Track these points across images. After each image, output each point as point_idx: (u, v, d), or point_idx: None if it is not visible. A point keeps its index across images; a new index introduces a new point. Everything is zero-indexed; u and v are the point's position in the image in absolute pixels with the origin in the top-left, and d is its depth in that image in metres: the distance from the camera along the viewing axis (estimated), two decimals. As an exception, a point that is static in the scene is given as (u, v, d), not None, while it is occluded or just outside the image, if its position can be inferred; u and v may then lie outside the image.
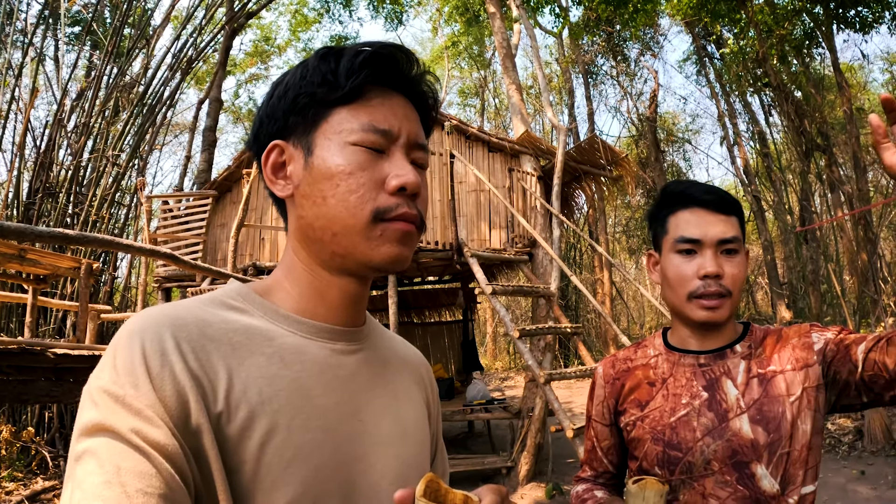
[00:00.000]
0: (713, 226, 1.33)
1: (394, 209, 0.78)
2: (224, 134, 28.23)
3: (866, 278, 10.24)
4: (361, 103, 0.80)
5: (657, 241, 1.45)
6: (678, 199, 1.40)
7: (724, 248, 1.33)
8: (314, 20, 22.30)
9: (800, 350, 1.32)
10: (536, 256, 8.52)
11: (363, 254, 0.79)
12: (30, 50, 10.26)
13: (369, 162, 0.79)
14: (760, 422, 1.26)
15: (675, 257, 1.37)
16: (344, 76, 0.79)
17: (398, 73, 0.83)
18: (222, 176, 8.95)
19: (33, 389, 3.22)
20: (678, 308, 1.37)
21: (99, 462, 0.61)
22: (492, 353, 23.34)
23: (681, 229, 1.36)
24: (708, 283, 1.31)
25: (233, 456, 0.69)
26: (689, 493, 1.29)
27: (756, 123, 16.97)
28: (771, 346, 1.36)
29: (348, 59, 0.79)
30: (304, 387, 0.76)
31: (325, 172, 0.78)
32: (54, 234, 2.98)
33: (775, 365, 1.32)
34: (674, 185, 1.45)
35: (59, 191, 9.39)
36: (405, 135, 0.82)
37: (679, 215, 1.38)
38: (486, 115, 28.73)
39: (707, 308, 1.31)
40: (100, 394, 0.64)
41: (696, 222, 1.34)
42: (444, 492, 0.67)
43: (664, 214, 1.42)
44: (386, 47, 0.81)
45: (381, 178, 0.79)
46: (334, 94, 0.79)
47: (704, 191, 1.38)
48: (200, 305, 0.77)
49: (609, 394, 1.48)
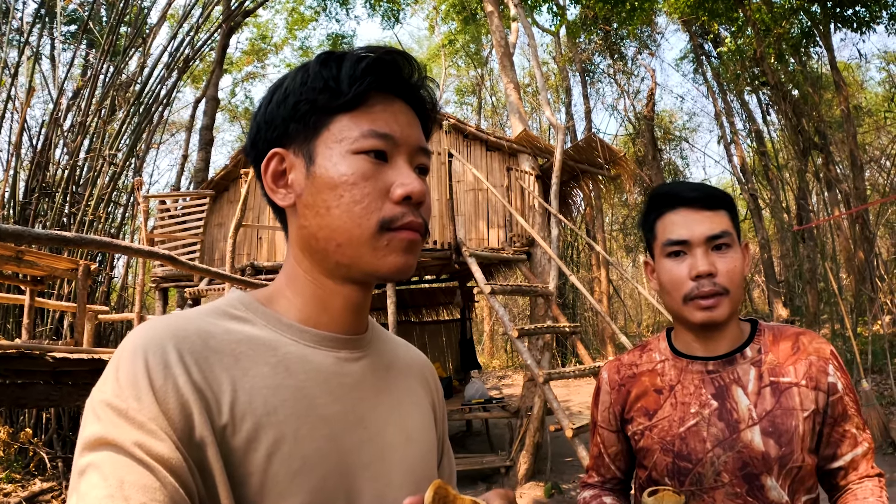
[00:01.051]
0: (699, 224, 1.29)
1: (399, 218, 0.77)
2: (221, 133, 28.27)
3: (863, 276, 10.27)
4: (363, 110, 0.79)
5: (649, 246, 1.42)
6: (664, 202, 1.37)
7: (715, 244, 1.29)
8: (311, 18, 22.26)
9: (816, 371, 1.29)
10: (535, 255, 8.51)
11: (369, 264, 0.78)
12: (26, 49, 10.24)
13: (373, 171, 0.77)
14: (773, 434, 1.24)
15: (666, 261, 1.33)
16: (347, 83, 0.77)
17: (400, 80, 0.82)
18: (219, 175, 8.92)
19: (32, 393, 3.21)
20: (677, 312, 1.34)
21: (102, 476, 0.60)
22: (489, 351, 23.37)
23: (668, 232, 1.33)
24: (701, 284, 1.27)
25: (239, 468, 0.68)
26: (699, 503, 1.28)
27: (753, 122, 16.98)
28: (786, 353, 1.32)
29: (351, 65, 0.78)
30: (308, 396, 0.75)
31: (329, 182, 0.77)
32: (52, 236, 2.96)
33: (791, 376, 1.29)
34: (659, 187, 1.42)
35: (55, 190, 9.36)
36: (408, 140, 0.81)
37: (666, 218, 1.35)
38: (483, 113, 28.73)
39: (704, 308, 1.27)
40: (103, 407, 0.64)
41: (682, 222, 1.31)
42: (453, 498, 0.66)
43: (652, 219, 1.39)
44: (389, 53, 0.80)
45: (386, 186, 0.78)
46: (336, 101, 0.78)
47: (689, 189, 1.34)
48: (202, 316, 0.76)
49: (615, 400, 1.45)
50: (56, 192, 9.34)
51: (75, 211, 9.42)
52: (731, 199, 1.37)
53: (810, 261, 12.94)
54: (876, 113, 18.85)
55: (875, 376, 9.28)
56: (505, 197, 8.56)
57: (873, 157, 17.71)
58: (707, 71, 18.47)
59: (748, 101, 17.35)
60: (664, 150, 23.30)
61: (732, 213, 1.36)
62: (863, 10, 10.29)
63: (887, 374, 8.47)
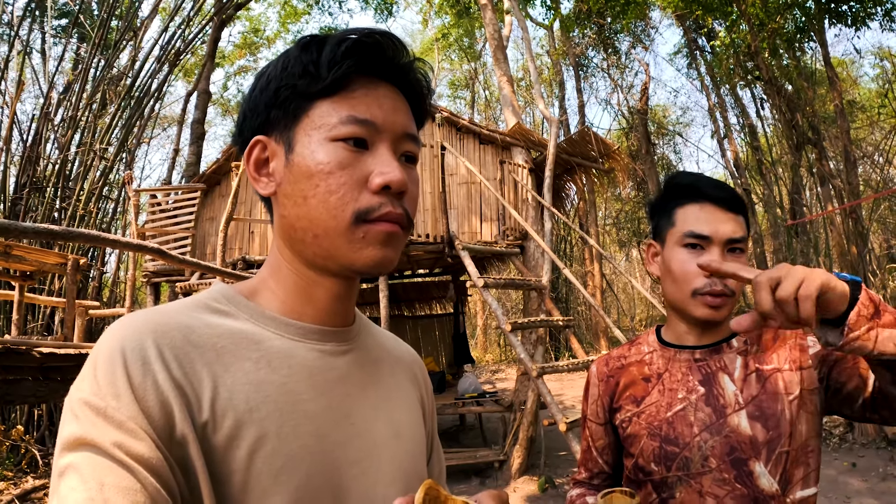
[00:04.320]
0: (724, 224, 1.31)
1: (376, 209, 0.74)
2: (213, 127, 28.16)
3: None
4: (344, 95, 0.75)
5: (660, 231, 1.41)
6: (687, 192, 1.37)
7: (732, 247, 1.31)
8: (304, 11, 22.18)
9: (795, 351, 1.30)
10: (528, 249, 8.51)
11: (345, 257, 0.75)
12: (16, 43, 10.16)
13: (351, 159, 0.74)
14: (759, 418, 1.25)
15: (681, 251, 1.33)
16: (326, 67, 0.74)
17: (385, 62, 0.79)
18: (211, 169, 8.88)
19: (19, 390, 3.17)
20: (679, 303, 1.35)
21: (82, 478, 0.58)
22: (482, 345, 23.40)
23: (689, 224, 1.33)
24: (714, 282, 1.28)
25: (221, 466, 0.66)
26: (686, 490, 1.27)
27: (747, 117, 17.02)
28: (770, 342, 1.34)
29: (331, 48, 0.74)
30: (292, 392, 0.73)
31: (306, 171, 0.74)
32: (39, 230, 2.92)
33: (774, 363, 1.30)
34: (682, 176, 1.41)
35: (46, 185, 9.31)
36: (392, 127, 0.77)
37: (688, 209, 1.35)
38: (476, 107, 28.75)
39: (711, 307, 1.29)
40: (80, 406, 0.62)
41: (707, 218, 1.32)
42: (444, 498, 0.64)
43: (671, 206, 1.39)
44: (370, 35, 0.76)
45: (364, 175, 0.74)
46: (315, 85, 0.75)
47: (714, 186, 1.35)
48: (183, 310, 0.74)
49: (603, 392, 1.47)
50: (46, 187, 9.29)
51: (66, 206, 9.37)
52: (746, 206, 1.39)
53: (804, 256, 12.97)
54: (869, 109, 18.89)
55: (867, 370, 9.31)
56: (498, 190, 8.55)
57: (867, 152, 17.79)
58: (701, 65, 18.48)
59: (742, 95, 17.39)
60: (658, 144, 23.32)
61: (747, 218, 1.37)
62: (857, 6, 10.29)
63: (879, 367, 8.50)
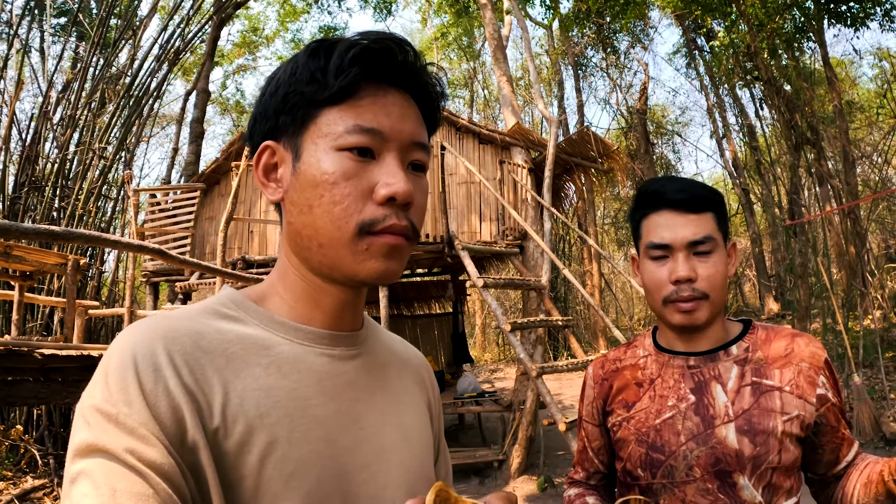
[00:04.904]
0: (683, 227, 1.29)
1: (380, 221, 0.73)
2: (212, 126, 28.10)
3: (854, 272, 10.32)
4: (351, 103, 0.75)
5: (636, 243, 1.42)
6: (650, 201, 1.36)
7: (696, 249, 1.29)
8: (303, 10, 22.18)
9: (804, 380, 1.28)
10: (527, 249, 8.51)
11: (349, 268, 0.75)
12: (15, 41, 10.14)
13: (356, 169, 0.74)
14: (748, 433, 1.23)
15: (648, 263, 1.34)
16: (333, 74, 0.74)
17: (394, 67, 0.78)
18: (210, 168, 8.88)
19: (20, 391, 3.17)
20: (658, 313, 1.35)
21: (94, 484, 0.59)
22: (481, 345, 23.39)
23: (651, 234, 1.33)
24: (681, 288, 1.27)
25: (232, 471, 0.67)
26: (669, 498, 1.27)
27: (745, 117, 17.06)
28: (777, 353, 1.32)
29: (338, 55, 0.74)
30: (302, 397, 0.74)
31: (311, 180, 0.74)
32: (40, 230, 2.92)
33: (775, 380, 1.28)
34: (648, 184, 1.40)
35: (45, 184, 9.29)
36: (399, 136, 0.76)
37: (650, 219, 1.34)
38: (475, 106, 28.74)
39: (683, 312, 1.28)
40: (92, 413, 0.62)
41: (666, 225, 1.30)
42: (454, 500, 0.64)
43: (638, 217, 1.39)
44: (379, 40, 0.75)
45: (370, 186, 0.74)
46: (322, 93, 0.74)
47: (676, 189, 1.32)
48: (193, 315, 0.74)
49: (598, 394, 1.47)
50: (46, 187, 9.27)
51: (65, 205, 9.35)
52: (719, 199, 1.35)
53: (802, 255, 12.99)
54: (868, 109, 18.92)
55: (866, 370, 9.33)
56: (497, 190, 8.55)
57: (865, 153, 17.80)
58: (700, 65, 18.53)
59: (741, 95, 17.44)
60: (656, 144, 23.34)
61: (719, 213, 1.34)
62: (856, 7, 10.30)
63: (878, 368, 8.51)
